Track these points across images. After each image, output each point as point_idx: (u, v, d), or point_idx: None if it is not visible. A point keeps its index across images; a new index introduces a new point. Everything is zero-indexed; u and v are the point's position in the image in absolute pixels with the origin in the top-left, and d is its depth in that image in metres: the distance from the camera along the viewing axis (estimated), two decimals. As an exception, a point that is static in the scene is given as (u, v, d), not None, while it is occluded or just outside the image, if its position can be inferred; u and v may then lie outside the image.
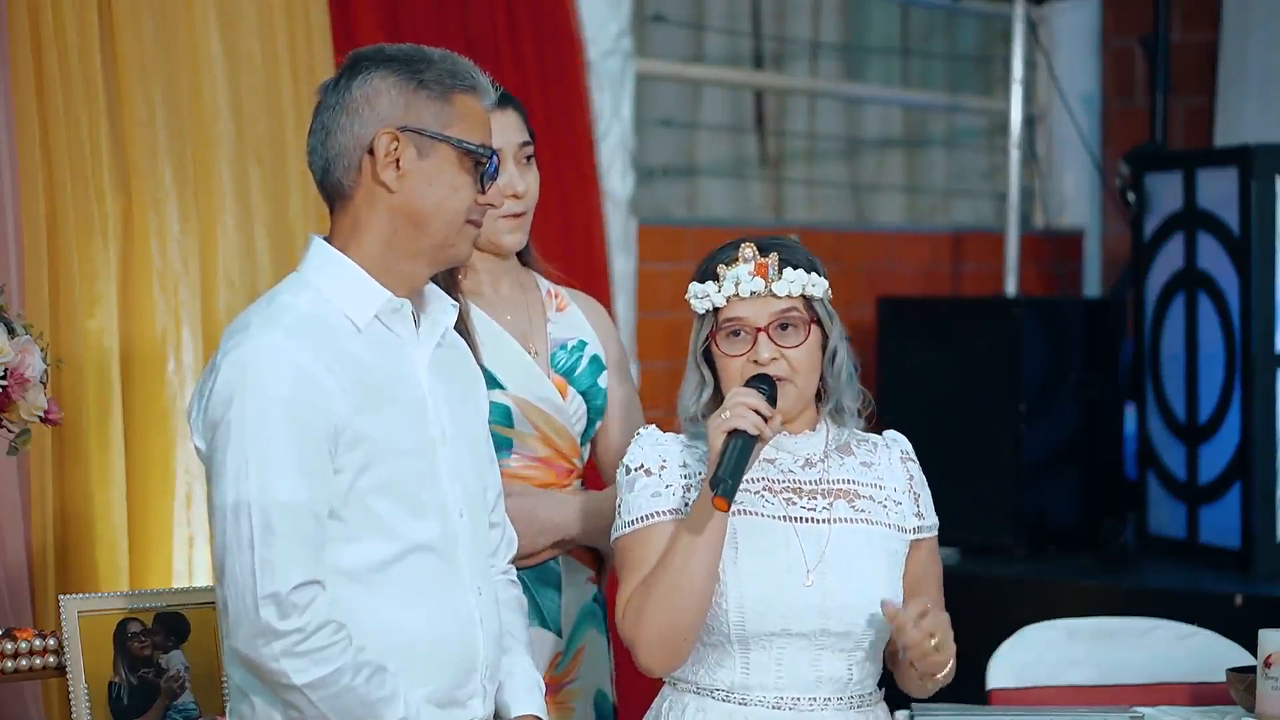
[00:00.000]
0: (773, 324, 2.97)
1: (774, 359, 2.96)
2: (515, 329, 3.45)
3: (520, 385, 3.40)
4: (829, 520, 3.00)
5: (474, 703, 2.85)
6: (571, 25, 5.26)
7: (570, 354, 3.50)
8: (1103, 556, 5.65)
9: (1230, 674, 3.49)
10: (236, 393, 2.70)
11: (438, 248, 2.84)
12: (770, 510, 2.99)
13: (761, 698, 2.96)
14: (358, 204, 2.82)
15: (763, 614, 2.93)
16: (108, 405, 3.97)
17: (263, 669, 2.69)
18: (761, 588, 2.94)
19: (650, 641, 2.93)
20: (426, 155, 2.80)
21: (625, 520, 3.01)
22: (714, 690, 2.99)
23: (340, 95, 2.81)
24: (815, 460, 3.05)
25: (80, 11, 3.94)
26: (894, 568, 3.02)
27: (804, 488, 3.02)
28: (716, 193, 6.38)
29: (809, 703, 2.96)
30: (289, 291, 2.82)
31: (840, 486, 3.04)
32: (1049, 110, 7.09)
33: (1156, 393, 5.78)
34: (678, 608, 2.91)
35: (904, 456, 3.13)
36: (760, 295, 2.97)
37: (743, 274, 2.98)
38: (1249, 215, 5.46)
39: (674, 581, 2.90)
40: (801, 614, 2.94)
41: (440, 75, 2.82)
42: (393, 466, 2.77)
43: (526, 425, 3.40)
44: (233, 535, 2.68)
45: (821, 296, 3.01)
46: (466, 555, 2.85)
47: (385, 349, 2.82)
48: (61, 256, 3.91)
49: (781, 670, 2.95)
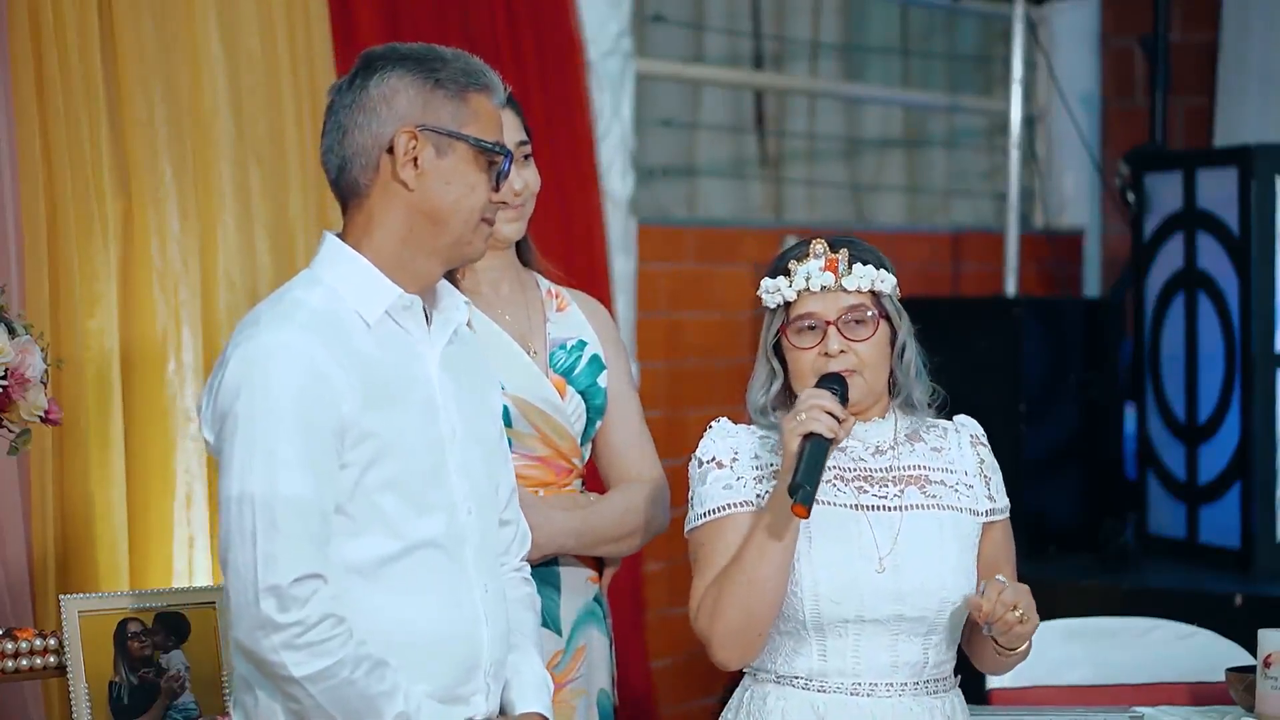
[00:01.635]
0: (842, 318, 3.03)
1: (843, 352, 3.01)
2: (514, 329, 3.46)
3: (518, 385, 3.40)
4: (901, 507, 3.03)
5: (477, 699, 2.85)
6: (571, 25, 5.26)
7: (570, 354, 3.50)
8: (1103, 556, 5.66)
9: (1230, 674, 3.49)
10: (245, 386, 2.71)
11: (453, 245, 2.85)
12: (842, 499, 3.03)
13: (840, 684, 2.99)
14: (374, 202, 2.83)
15: (837, 601, 2.97)
16: (108, 405, 3.97)
17: (263, 661, 2.69)
18: (835, 575, 2.97)
19: (725, 637, 2.97)
20: (444, 154, 2.82)
21: (699, 513, 3.05)
22: (793, 678, 3.02)
23: (356, 94, 2.83)
24: (885, 448, 3.09)
25: (80, 11, 3.94)
26: (966, 551, 3.05)
27: (875, 475, 3.06)
28: (716, 193, 6.38)
29: (886, 688, 2.99)
30: (301, 287, 2.83)
31: (911, 473, 3.07)
32: (1049, 110, 7.10)
33: (1156, 393, 5.78)
34: (753, 604, 2.94)
35: (974, 440, 3.17)
36: (830, 290, 3.03)
37: (814, 269, 3.03)
38: (1249, 215, 5.46)
39: (749, 578, 2.94)
40: (876, 600, 2.97)
41: (455, 74, 2.84)
42: (400, 463, 2.78)
43: (525, 425, 3.41)
44: (236, 527, 2.69)
45: (890, 292, 3.07)
46: (473, 552, 2.86)
47: (396, 346, 2.83)
48: (61, 256, 3.91)
49: (859, 656, 2.99)
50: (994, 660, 3.09)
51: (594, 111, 5.36)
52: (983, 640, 3.04)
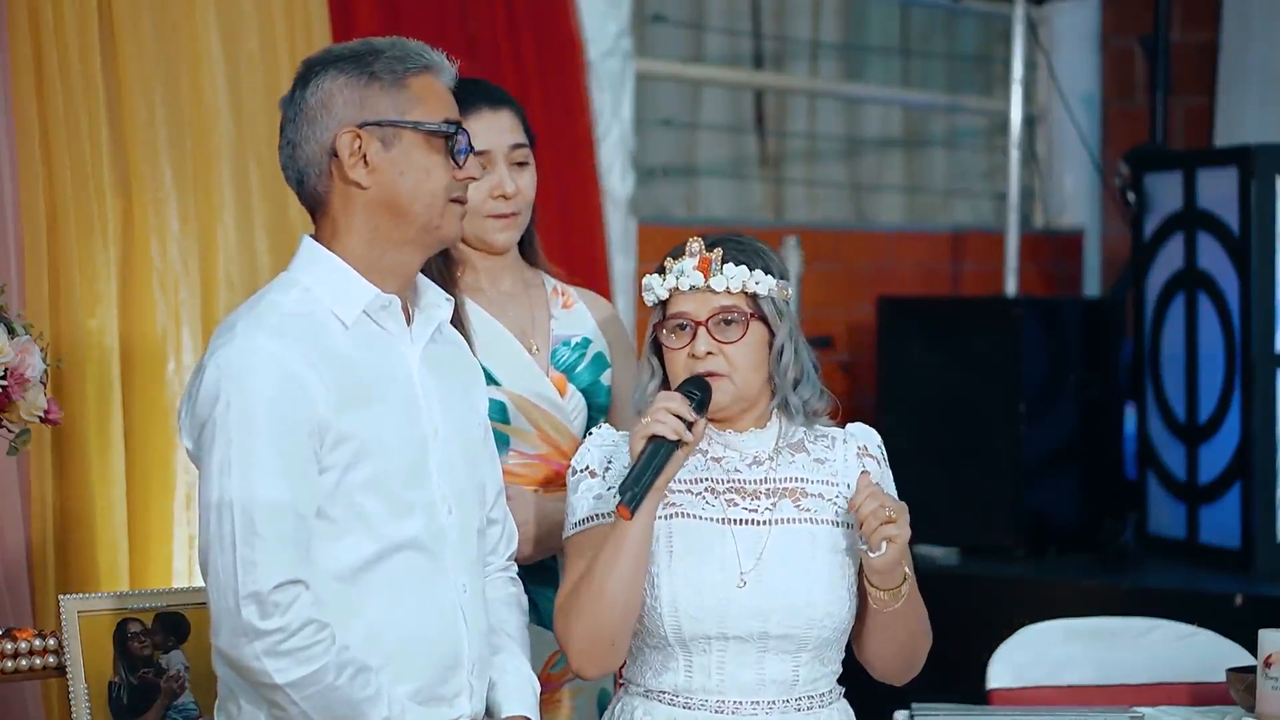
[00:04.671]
0: (713, 318, 2.96)
1: (710, 354, 2.95)
2: (515, 325, 3.45)
3: (516, 381, 3.39)
4: (770, 521, 2.96)
5: (461, 700, 2.84)
6: (571, 25, 5.26)
7: (573, 351, 3.50)
8: (1103, 556, 5.66)
9: (1230, 674, 3.49)
10: (221, 393, 2.70)
11: (423, 231, 2.83)
12: (709, 513, 2.97)
13: (704, 700, 2.94)
14: (335, 207, 2.82)
15: (697, 618, 2.92)
16: (108, 405, 3.97)
17: (245, 668, 2.69)
18: (694, 591, 2.92)
19: (578, 646, 2.92)
20: (392, 145, 2.79)
21: (570, 523, 3.02)
22: (660, 693, 2.98)
23: (297, 106, 2.82)
24: (763, 458, 3.02)
25: (80, 12, 3.94)
26: (841, 566, 2.97)
27: (748, 487, 2.99)
28: (716, 193, 6.38)
29: (752, 706, 2.94)
30: (277, 290, 2.82)
31: (787, 485, 3.00)
32: (1049, 110, 7.09)
33: (1156, 393, 5.78)
34: (600, 615, 2.89)
35: (861, 451, 3.07)
36: (699, 289, 2.97)
37: (686, 268, 2.98)
38: (1249, 215, 5.46)
39: (597, 588, 2.89)
40: (738, 617, 2.91)
41: (390, 63, 2.81)
42: (380, 464, 2.77)
43: (524, 422, 3.40)
44: (215, 534, 2.69)
45: (767, 294, 2.98)
46: (453, 552, 2.84)
47: (374, 346, 2.82)
48: (62, 256, 3.91)
49: (724, 673, 2.94)
50: (879, 629, 2.97)
51: (594, 111, 5.36)
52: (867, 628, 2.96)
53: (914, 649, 3.06)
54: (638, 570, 2.89)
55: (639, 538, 2.88)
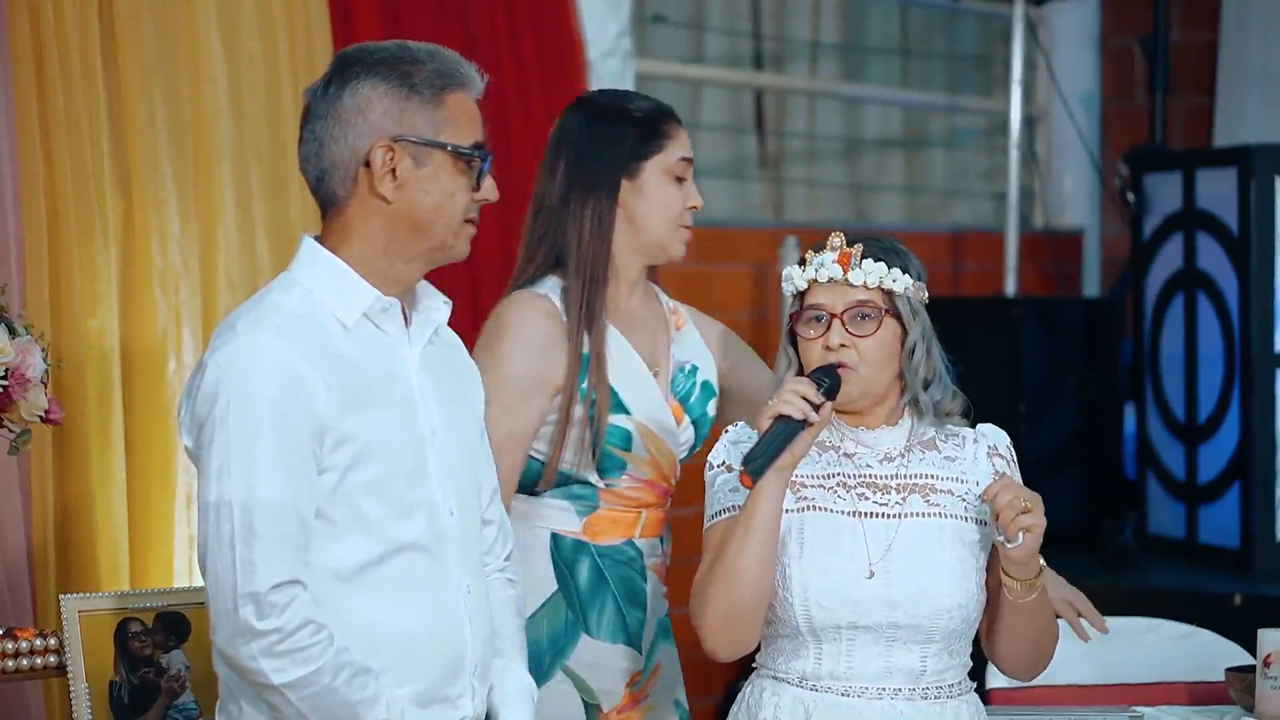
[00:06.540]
0: (848, 311, 3.02)
1: (844, 345, 3.01)
2: (642, 348, 3.44)
3: (643, 410, 3.39)
4: (900, 515, 3.02)
5: (463, 701, 2.84)
6: (571, 25, 5.26)
7: (687, 378, 3.49)
8: (1103, 556, 5.66)
9: (1229, 673, 3.50)
10: (222, 392, 2.69)
11: (435, 249, 2.83)
12: (840, 506, 3.03)
13: (831, 686, 3.00)
14: (352, 212, 2.81)
15: (827, 607, 2.97)
16: (108, 405, 3.97)
17: (243, 669, 2.68)
18: (824, 581, 2.98)
19: (712, 626, 2.98)
20: (423, 164, 2.78)
21: (709, 514, 3.08)
22: (789, 677, 3.03)
23: (331, 104, 2.78)
24: (894, 455, 3.08)
25: (80, 11, 3.94)
26: (968, 559, 3.03)
27: (878, 482, 3.05)
28: (716, 193, 6.38)
29: (878, 692, 2.99)
30: (278, 290, 2.81)
31: (917, 481, 3.06)
32: (1048, 110, 7.10)
33: (1156, 393, 5.78)
34: (734, 594, 2.95)
35: (991, 451, 3.16)
36: (837, 282, 3.03)
37: (826, 260, 3.04)
38: (1248, 215, 5.46)
39: (731, 569, 2.94)
40: (868, 607, 2.97)
41: (431, 77, 2.79)
42: (380, 465, 2.76)
43: (642, 450, 3.39)
44: (214, 534, 2.68)
45: (902, 292, 3.04)
46: (455, 553, 2.84)
47: (374, 348, 2.81)
48: (62, 256, 3.91)
49: (852, 661, 2.99)
50: (1011, 624, 3.05)
51: (594, 112, 5.35)
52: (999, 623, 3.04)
53: (1044, 644, 3.15)
54: (768, 547, 2.94)
55: (768, 513, 2.93)
